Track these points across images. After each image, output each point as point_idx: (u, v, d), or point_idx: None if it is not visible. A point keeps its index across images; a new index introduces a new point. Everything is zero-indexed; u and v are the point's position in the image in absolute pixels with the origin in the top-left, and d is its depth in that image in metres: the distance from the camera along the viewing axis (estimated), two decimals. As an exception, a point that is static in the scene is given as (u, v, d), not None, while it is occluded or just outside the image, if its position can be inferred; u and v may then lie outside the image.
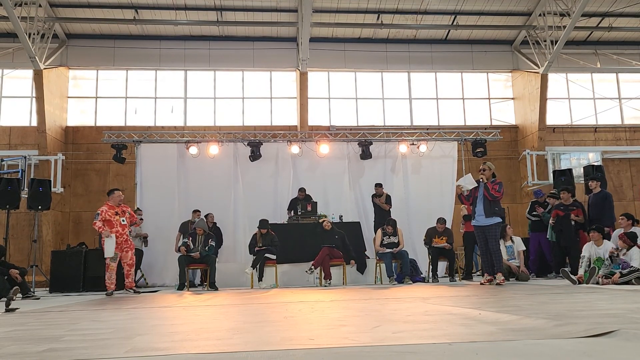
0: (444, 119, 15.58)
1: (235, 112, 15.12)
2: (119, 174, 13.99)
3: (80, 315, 4.09)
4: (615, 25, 14.90)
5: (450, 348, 1.93)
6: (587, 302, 3.91)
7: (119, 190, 8.23)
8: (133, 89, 15.04)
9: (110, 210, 7.88)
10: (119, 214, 7.93)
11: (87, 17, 13.91)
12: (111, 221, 7.82)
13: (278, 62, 14.99)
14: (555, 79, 15.55)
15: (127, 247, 7.98)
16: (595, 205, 8.78)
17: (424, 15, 14.32)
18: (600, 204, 8.71)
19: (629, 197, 15.17)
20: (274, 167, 11.75)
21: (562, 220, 8.85)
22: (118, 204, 8.02)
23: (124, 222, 7.94)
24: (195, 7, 13.84)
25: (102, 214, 7.81)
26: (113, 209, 7.94)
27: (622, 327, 2.19)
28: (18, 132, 14.09)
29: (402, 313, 3.44)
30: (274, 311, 3.91)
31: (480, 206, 7.44)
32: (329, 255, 8.92)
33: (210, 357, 1.91)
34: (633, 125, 15.73)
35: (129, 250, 7.98)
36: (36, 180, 9.91)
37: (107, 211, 7.86)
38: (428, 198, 11.71)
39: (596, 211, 8.71)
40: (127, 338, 2.51)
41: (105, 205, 7.97)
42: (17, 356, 2.05)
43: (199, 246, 8.88)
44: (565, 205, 8.98)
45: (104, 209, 7.88)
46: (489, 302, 4.18)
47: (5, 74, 14.49)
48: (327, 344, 2.13)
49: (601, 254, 7.01)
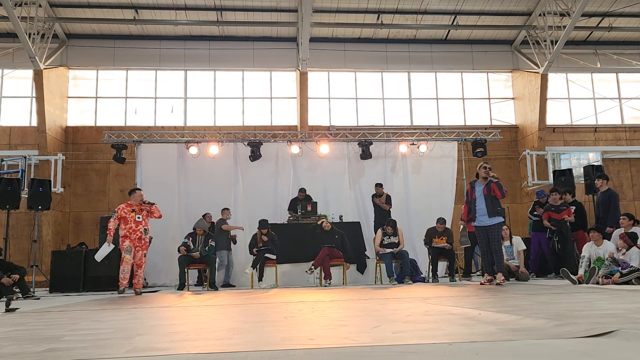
0: (444, 119, 15.58)
1: (235, 112, 15.12)
2: (119, 174, 13.99)
3: (80, 315, 4.09)
4: (615, 25, 14.90)
5: (450, 348, 1.93)
6: (587, 302, 3.90)
7: (140, 190, 8.26)
8: (133, 89, 15.04)
9: (127, 208, 7.89)
10: (136, 211, 7.90)
11: (87, 17, 13.91)
12: (126, 218, 7.83)
13: (278, 62, 14.99)
14: (555, 79, 15.55)
15: (140, 246, 7.88)
16: (602, 203, 8.76)
17: (424, 15, 14.32)
18: (607, 201, 8.69)
19: (629, 197, 15.17)
20: (274, 167, 11.75)
21: (558, 223, 8.89)
22: (139, 202, 7.99)
23: (139, 219, 7.89)
24: (195, 7, 13.84)
25: (118, 211, 7.86)
26: (131, 206, 7.93)
27: (622, 327, 2.19)
28: (18, 132, 14.09)
29: (402, 313, 3.44)
30: (274, 311, 3.91)
31: (482, 206, 7.41)
32: (329, 255, 8.92)
33: (210, 357, 1.91)
34: (633, 125, 15.74)
35: (140, 250, 7.88)
36: (36, 180, 9.92)
37: (124, 208, 7.88)
38: (428, 198, 11.71)
39: (603, 209, 8.69)
40: (127, 338, 2.51)
41: (124, 204, 8.00)
42: (17, 356, 2.05)
43: (199, 246, 8.88)
44: (555, 206, 9.01)
45: (121, 207, 7.92)
46: (489, 302, 4.18)
47: (5, 74, 14.49)
48: (327, 344, 2.13)
49: (601, 254, 7.01)
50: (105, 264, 9.02)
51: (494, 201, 7.35)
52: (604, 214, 8.59)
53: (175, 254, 9.25)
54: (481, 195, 7.43)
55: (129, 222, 7.82)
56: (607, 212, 8.55)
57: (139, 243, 7.87)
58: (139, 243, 7.86)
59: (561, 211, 8.97)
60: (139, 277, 7.92)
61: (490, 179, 7.44)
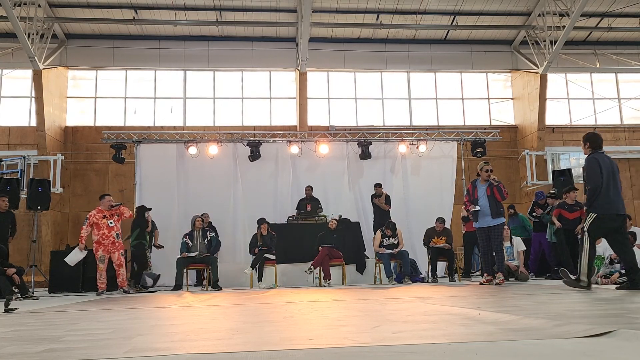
0: (444, 119, 15.58)
1: (234, 112, 15.12)
2: (119, 174, 13.98)
3: (79, 316, 4.09)
4: (614, 25, 14.91)
5: (450, 348, 1.93)
6: (586, 302, 3.91)
7: (109, 196, 8.55)
8: (132, 89, 15.04)
9: (98, 214, 8.22)
10: (107, 217, 8.23)
11: (86, 17, 13.90)
12: (98, 224, 8.17)
13: (277, 62, 14.98)
14: (554, 79, 15.56)
15: (114, 248, 8.19)
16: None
17: (423, 15, 14.32)
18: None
19: (629, 197, 15.18)
20: (274, 168, 11.75)
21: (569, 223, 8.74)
22: (108, 207, 8.30)
23: (112, 225, 8.21)
24: (195, 7, 13.84)
25: (90, 217, 8.20)
26: (102, 212, 8.25)
27: (621, 327, 2.19)
28: (17, 132, 14.08)
29: (402, 313, 3.45)
30: (273, 311, 3.91)
31: (486, 206, 7.42)
32: (328, 255, 8.92)
33: (209, 357, 1.91)
34: (632, 125, 15.75)
35: (116, 251, 8.19)
36: (35, 180, 9.90)
37: (96, 215, 8.22)
38: (427, 198, 11.70)
39: None
40: (127, 338, 2.51)
41: (95, 210, 8.33)
42: (16, 356, 2.05)
43: (197, 242, 8.90)
44: (569, 205, 8.89)
45: (92, 213, 8.26)
46: (489, 302, 4.18)
47: (5, 74, 14.48)
48: (326, 344, 2.13)
49: (601, 252, 7.01)
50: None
51: (497, 202, 7.41)
52: None
53: (175, 254, 9.24)
54: (484, 195, 7.47)
55: (102, 228, 8.15)
56: None
57: (113, 247, 8.18)
58: (112, 247, 8.17)
59: (575, 211, 8.74)
60: (122, 275, 8.25)
61: (491, 182, 7.46)
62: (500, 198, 7.39)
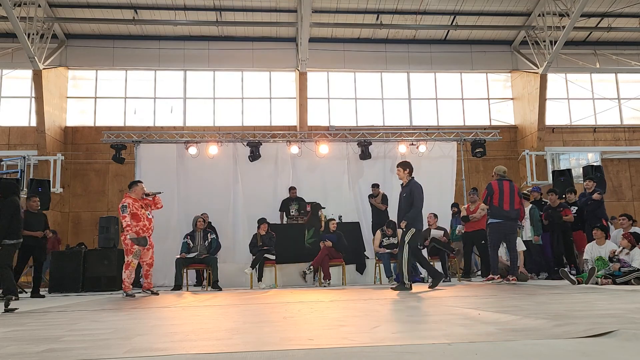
0: (443, 119, 15.59)
1: (234, 113, 15.12)
2: (118, 174, 13.98)
3: (79, 316, 4.09)
4: (614, 25, 14.92)
5: (450, 348, 1.93)
6: (586, 302, 3.91)
7: (141, 183, 7.48)
8: (132, 89, 15.04)
9: (136, 204, 7.13)
10: (144, 207, 7.21)
11: (86, 17, 13.91)
12: (138, 214, 7.07)
13: (277, 63, 14.99)
14: (554, 79, 15.56)
15: (150, 245, 7.27)
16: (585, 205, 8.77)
17: (423, 15, 14.33)
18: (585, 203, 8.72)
19: (628, 197, 15.19)
20: (274, 168, 11.74)
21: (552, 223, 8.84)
22: (141, 196, 7.27)
23: (150, 217, 7.24)
24: (195, 8, 13.84)
25: (129, 206, 7.01)
26: (138, 202, 7.18)
27: (621, 327, 2.19)
28: (17, 132, 14.08)
29: (402, 313, 3.45)
30: (273, 311, 3.91)
31: (512, 204, 7.62)
32: (328, 255, 8.92)
33: (209, 357, 1.91)
34: (632, 126, 15.75)
35: (150, 249, 7.26)
36: (35, 180, 9.91)
37: (134, 204, 7.09)
38: (427, 198, 11.58)
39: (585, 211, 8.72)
40: (127, 338, 2.51)
41: (129, 198, 7.16)
42: (16, 356, 2.05)
43: (198, 243, 8.90)
44: (553, 207, 8.96)
45: (129, 202, 7.07)
46: (489, 302, 4.18)
47: (5, 74, 14.48)
48: (326, 344, 2.13)
49: (602, 253, 7.01)
50: (104, 264, 9.04)
51: None
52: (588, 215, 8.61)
53: (174, 254, 9.23)
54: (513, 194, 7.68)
55: (142, 219, 7.06)
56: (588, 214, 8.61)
57: (149, 243, 7.27)
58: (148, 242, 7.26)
59: (560, 211, 8.93)
60: (151, 276, 7.46)
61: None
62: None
